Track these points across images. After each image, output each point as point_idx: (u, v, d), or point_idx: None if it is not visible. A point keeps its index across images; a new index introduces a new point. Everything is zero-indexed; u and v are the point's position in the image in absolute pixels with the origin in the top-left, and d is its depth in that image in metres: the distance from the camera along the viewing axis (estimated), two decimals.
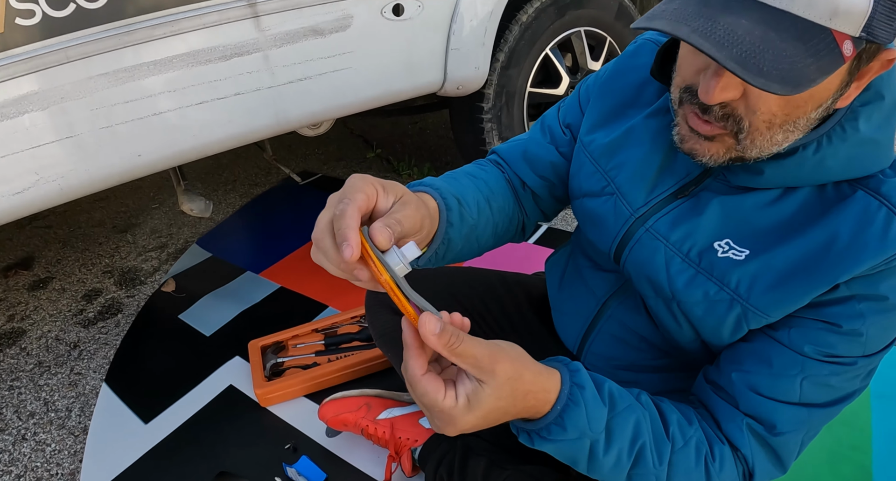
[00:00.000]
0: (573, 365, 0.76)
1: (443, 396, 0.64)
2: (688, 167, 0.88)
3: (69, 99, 1.48)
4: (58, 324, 2.31)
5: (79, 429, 1.80)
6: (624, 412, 0.77)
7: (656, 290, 0.89)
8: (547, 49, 2.29)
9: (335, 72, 1.74)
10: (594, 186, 0.99)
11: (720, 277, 0.82)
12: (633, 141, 0.94)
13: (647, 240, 0.90)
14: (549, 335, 1.23)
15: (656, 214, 0.89)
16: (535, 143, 1.11)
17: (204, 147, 1.65)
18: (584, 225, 1.03)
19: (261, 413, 1.71)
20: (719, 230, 0.83)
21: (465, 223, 0.91)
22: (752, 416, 0.81)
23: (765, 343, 0.81)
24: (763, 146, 0.73)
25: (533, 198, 1.12)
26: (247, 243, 2.69)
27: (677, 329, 0.90)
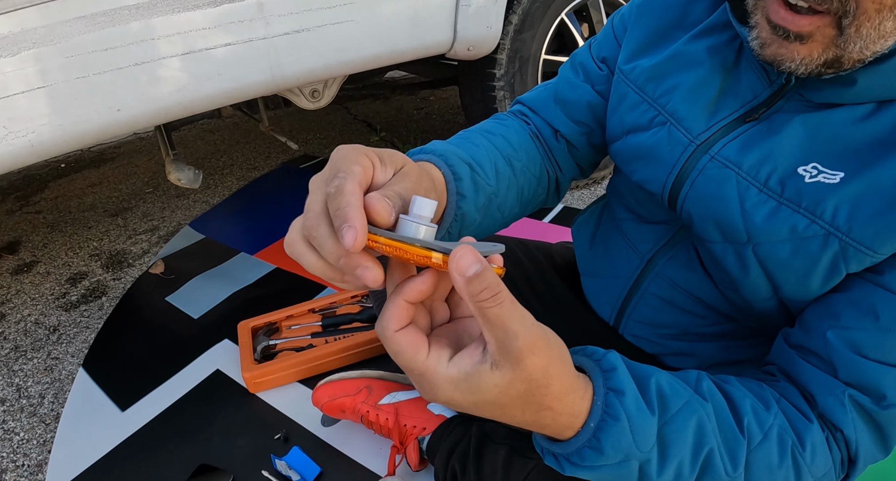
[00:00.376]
0: (606, 361, 0.58)
1: (425, 354, 0.48)
2: (754, 89, 0.74)
3: (41, 44, 1.35)
4: (38, 308, 2.21)
5: (51, 417, 1.66)
6: (680, 414, 0.59)
7: (726, 233, 0.74)
8: (563, 14, 2.17)
9: (336, 24, 1.59)
10: (640, 119, 0.85)
11: (811, 207, 0.66)
12: (684, 63, 0.81)
13: (714, 169, 0.75)
14: (579, 303, 1.09)
15: (723, 139, 0.75)
16: (567, 85, 0.97)
17: (190, 103, 1.50)
18: (629, 165, 0.88)
19: (249, 399, 1.57)
20: (804, 152, 0.68)
21: (482, 192, 0.76)
22: (855, 385, 0.64)
23: (867, 291, 0.65)
24: (868, 38, 0.58)
25: (568, 150, 0.98)
26: (242, 225, 2.59)
27: (749, 283, 0.75)
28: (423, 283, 0.48)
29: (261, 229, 2.50)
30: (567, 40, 2.28)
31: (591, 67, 0.96)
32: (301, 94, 1.90)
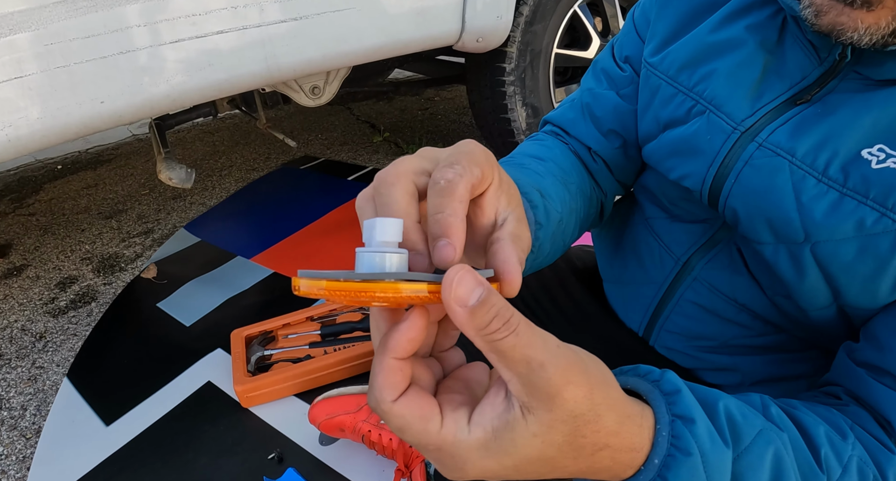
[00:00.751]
0: (667, 382, 0.46)
1: (438, 424, 0.37)
2: (802, 68, 0.66)
3: (18, 30, 1.27)
4: (26, 314, 2.13)
5: (32, 431, 1.57)
6: (755, 445, 0.47)
7: (779, 232, 0.65)
8: (575, 6, 2.10)
9: (335, 12, 1.50)
10: (676, 111, 0.76)
11: (880, 198, 0.57)
12: (722, 46, 0.72)
13: (762, 158, 0.66)
14: (603, 313, 0.99)
15: (771, 125, 0.66)
16: (590, 96, 0.90)
17: (180, 95, 1.41)
18: (665, 164, 0.80)
19: (241, 415, 1.48)
20: (867, 134, 0.59)
21: (552, 220, 0.69)
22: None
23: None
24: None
25: (606, 169, 0.91)
26: (239, 228, 2.51)
27: (805, 288, 0.65)
28: (410, 330, 0.37)
29: (259, 232, 2.42)
30: (580, 34, 2.22)
31: (614, 71, 0.89)
32: (301, 91, 1.81)
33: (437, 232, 0.36)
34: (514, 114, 2.12)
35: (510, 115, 2.10)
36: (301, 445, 1.36)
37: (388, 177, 0.39)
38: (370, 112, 3.77)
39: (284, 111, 3.97)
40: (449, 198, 0.36)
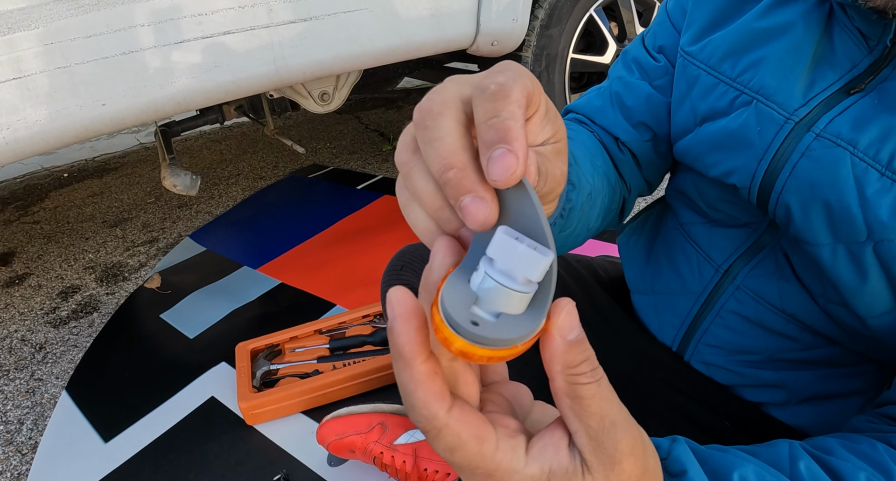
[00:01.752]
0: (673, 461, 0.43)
1: (494, 445, 0.32)
2: (851, 57, 0.63)
3: (18, 29, 1.24)
4: (26, 324, 2.10)
5: (28, 446, 1.52)
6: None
7: (839, 229, 0.61)
8: (591, 10, 2.08)
9: (347, 13, 1.46)
10: (718, 102, 0.72)
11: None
12: (769, 33, 0.69)
13: (821, 149, 0.62)
14: (633, 326, 0.95)
15: (828, 114, 0.62)
16: (620, 84, 0.86)
17: (185, 98, 1.37)
18: (705, 160, 0.76)
19: (246, 432, 1.43)
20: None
21: (583, 188, 0.66)
22: None
23: None
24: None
25: (633, 161, 0.87)
26: (245, 237, 2.48)
27: (866, 293, 0.61)
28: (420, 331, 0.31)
29: (265, 242, 2.38)
30: (596, 38, 2.19)
31: (647, 61, 0.85)
32: (310, 97, 1.77)
33: (492, 138, 0.29)
34: None
35: None
36: (308, 466, 1.30)
37: (434, 106, 0.31)
38: (379, 120, 3.75)
39: (293, 119, 3.95)
40: (504, 101, 0.29)
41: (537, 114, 0.33)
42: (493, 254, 0.28)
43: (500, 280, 0.28)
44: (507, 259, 0.28)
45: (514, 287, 0.28)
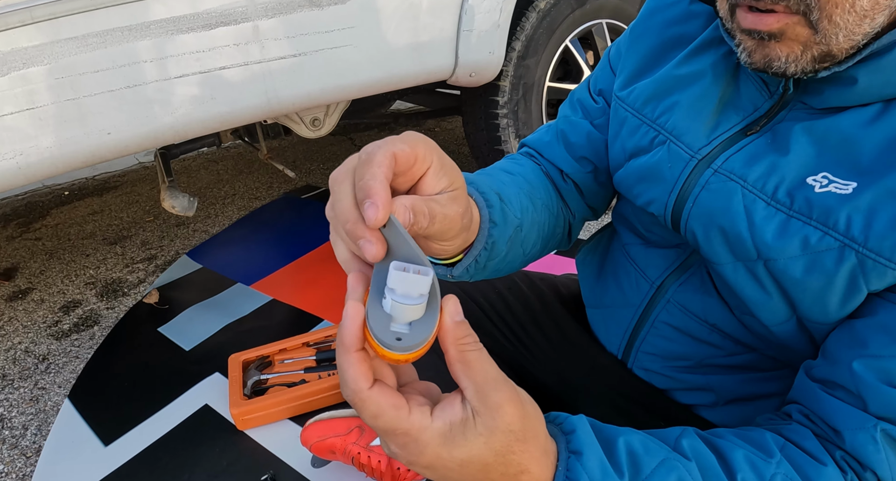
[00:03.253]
0: (568, 423, 0.54)
1: (408, 414, 0.43)
2: (754, 101, 0.72)
3: (32, 65, 1.34)
4: (30, 336, 2.18)
5: (32, 450, 1.61)
6: (656, 474, 0.54)
7: (735, 250, 0.70)
8: (567, 40, 2.16)
9: (333, 49, 1.56)
10: (641, 141, 0.82)
11: (822, 218, 0.62)
12: (682, 81, 0.78)
13: (718, 183, 0.71)
14: (586, 337, 1.04)
15: (726, 152, 0.72)
16: (565, 123, 0.96)
17: (183, 127, 1.47)
18: (633, 190, 0.85)
19: (237, 437, 1.51)
20: (812, 162, 0.65)
21: (509, 223, 0.74)
22: (890, 419, 0.59)
23: (894, 314, 0.60)
24: (849, 23, 0.56)
25: (576, 191, 0.96)
26: (240, 255, 2.55)
27: (765, 303, 0.70)
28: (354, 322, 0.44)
29: (259, 260, 2.46)
30: (572, 67, 2.27)
31: (588, 102, 0.95)
32: (301, 122, 1.87)
33: (361, 196, 0.41)
34: (507, 145, 2.17)
35: (504, 146, 2.15)
36: (294, 467, 1.39)
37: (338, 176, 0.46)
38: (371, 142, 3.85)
39: (287, 141, 4.03)
40: (368, 165, 0.42)
41: (430, 170, 0.46)
42: (393, 285, 0.41)
43: (402, 301, 0.41)
44: (403, 286, 0.40)
45: (413, 302, 0.41)
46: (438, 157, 0.48)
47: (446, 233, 0.51)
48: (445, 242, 0.56)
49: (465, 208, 0.52)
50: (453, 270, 0.71)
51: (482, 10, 1.76)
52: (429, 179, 0.47)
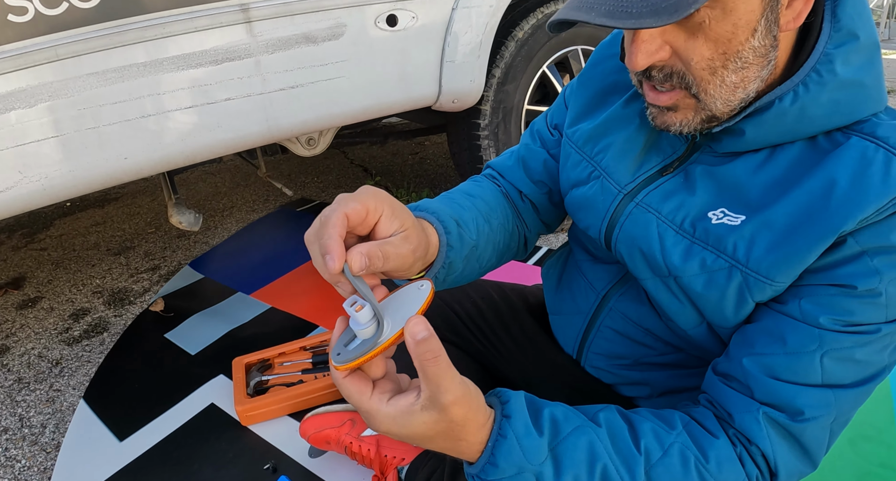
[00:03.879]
0: (504, 395, 0.70)
1: (368, 396, 0.61)
2: (673, 145, 0.85)
3: (57, 97, 1.46)
4: (42, 342, 2.27)
5: (51, 446, 1.73)
6: (571, 436, 0.69)
7: (653, 267, 0.84)
8: (544, 66, 2.29)
9: (327, 80, 1.71)
10: (581, 174, 0.96)
11: (716, 244, 0.76)
12: (616, 125, 0.92)
13: (639, 214, 0.85)
14: (547, 340, 1.17)
15: (646, 189, 0.85)
16: (526, 150, 1.09)
17: (192, 152, 1.62)
18: (576, 215, 0.99)
19: (241, 432, 1.64)
20: (713, 200, 0.79)
21: (465, 245, 0.87)
22: (770, 404, 0.72)
23: (775, 319, 0.74)
24: (724, 94, 0.70)
25: (532, 209, 1.09)
26: (240, 265, 2.66)
27: (680, 310, 0.84)
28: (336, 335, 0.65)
29: (258, 270, 2.57)
30: (549, 91, 2.39)
31: (546, 134, 1.08)
32: (297, 142, 2.01)
33: (323, 252, 0.59)
34: None
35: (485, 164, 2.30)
36: (293, 457, 1.51)
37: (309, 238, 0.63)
38: (364, 156, 3.95)
39: (283, 156, 4.16)
40: (325, 227, 0.60)
41: (382, 217, 0.65)
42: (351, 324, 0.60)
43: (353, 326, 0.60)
44: (354, 323, 0.59)
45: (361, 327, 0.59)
46: (389, 206, 0.66)
47: (401, 267, 0.68)
48: (403, 272, 0.72)
49: (416, 244, 0.69)
50: None
51: (463, 43, 1.92)
52: (382, 225, 0.65)
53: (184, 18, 1.52)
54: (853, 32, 0.69)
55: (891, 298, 0.68)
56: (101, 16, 1.46)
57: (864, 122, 0.71)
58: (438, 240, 0.82)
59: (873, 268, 0.67)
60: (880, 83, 0.72)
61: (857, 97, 0.70)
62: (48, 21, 1.41)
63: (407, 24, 1.80)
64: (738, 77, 0.69)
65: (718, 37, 0.66)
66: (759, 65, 0.69)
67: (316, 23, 1.65)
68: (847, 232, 0.67)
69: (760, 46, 0.67)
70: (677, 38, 0.67)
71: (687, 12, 0.58)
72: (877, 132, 0.70)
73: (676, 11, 0.58)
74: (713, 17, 0.64)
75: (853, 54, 0.69)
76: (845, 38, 0.69)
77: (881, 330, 0.69)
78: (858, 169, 0.68)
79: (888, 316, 0.69)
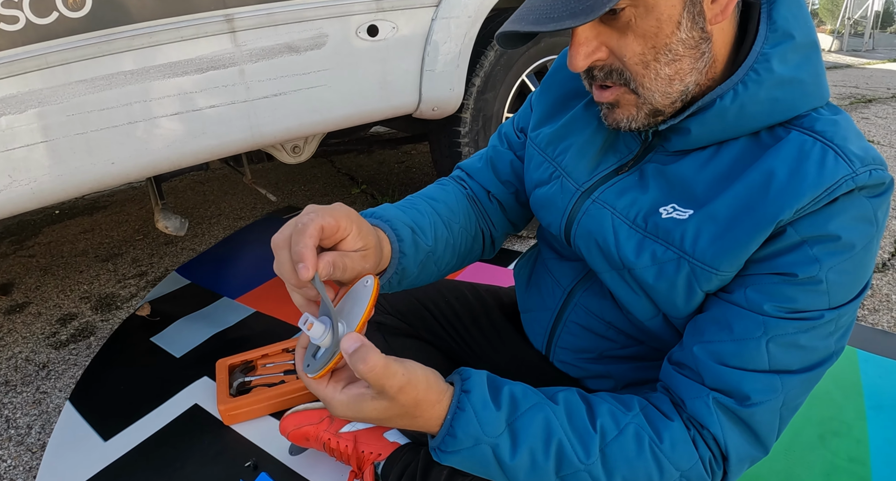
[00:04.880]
0: (465, 372, 0.75)
1: (325, 385, 0.67)
2: (629, 146, 0.90)
3: (46, 103, 1.50)
4: (29, 346, 2.29)
5: (37, 446, 1.76)
6: (529, 411, 0.74)
7: (609, 261, 0.88)
8: (523, 75, 2.35)
9: (310, 89, 1.76)
10: (543, 175, 1.01)
11: (665, 237, 0.81)
12: (576, 127, 0.97)
13: (595, 210, 0.90)
14: (518, 337, 1.22)
15: (602, 186, 0.91)
16: (494, 152, 1.14)
17: (178, 158, 1.66)
18: (539, 213, 1.04)
19: (224, 431, 1.67)
20: (664, 196, 0.84)
21: (421, 251, 0.92)
22: (719, 390, 0.75)
23: (723, 308, 0.78)
24: (660, 86, 0.76)
25: (500, 209, 1.13)
26: (226, 271, 2.69)
27: (636, 301, 0.88)
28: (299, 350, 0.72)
29: (243, 275, 2.60)
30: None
31: (512, 137, 1.13)
32: (283, 150, 2.06)
33: (296, 259, 0.64)
34: None
35: None
36: (273, 455, 1.55)
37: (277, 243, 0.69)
38: (351, 164, 4.00)
39: (270, 164, 4.20)
40: (301, 235, 0.65)
41: (350, 236, 0.71)
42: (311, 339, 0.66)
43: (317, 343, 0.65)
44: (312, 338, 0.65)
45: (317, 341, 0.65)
46: (357, 226, 0.72)
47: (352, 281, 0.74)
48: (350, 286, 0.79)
49: (372, 264, 0.76)
50: None
51: (443, 52, 1.98)
52: (349, 241, 0.71)
53: (170, 28, 1.57)
54: (788, 32, 0.75)
55: (831, 285, 0.72)
56: (90, 25, 1.50)
57: (803, 117, 0.76)
58: (391, 246, 0.87)
59: (813, 257, 0.71)
60: (819, 79, 0.77)
61: (796, 94, 0.75)
62: (39, 30, 1.45)
63: (387, 35, 1.86)
64: (672, 69, 0.74)
65: (645, 32, 0.71)
66: (692, 56, 0.74)
67: (299, 33, 1.71)
68: (785, 221, 0.72)
69: (689, 39, 0.73)
70: (610, 38, 0.73)
71: (601, 12, 0.65)
72: (815, 126, 0.75)
73: (592, 11, 0.65)
74: (637, 14, 0.70)
75: (790, 53, 0.74)
76: (781, 38, 0.75)
77: (824, 316, 0.73)
78: (795, 161, 0.72)
79: (830, 302, 0.73)
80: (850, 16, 19.44)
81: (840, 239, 0.71)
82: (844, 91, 7.28)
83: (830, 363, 0.77)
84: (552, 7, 0.68)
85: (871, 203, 0.72)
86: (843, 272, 0.72)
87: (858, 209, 0.72)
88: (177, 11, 1.59)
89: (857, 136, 0.75)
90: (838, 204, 0.71)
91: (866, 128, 5.15)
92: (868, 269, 0.76)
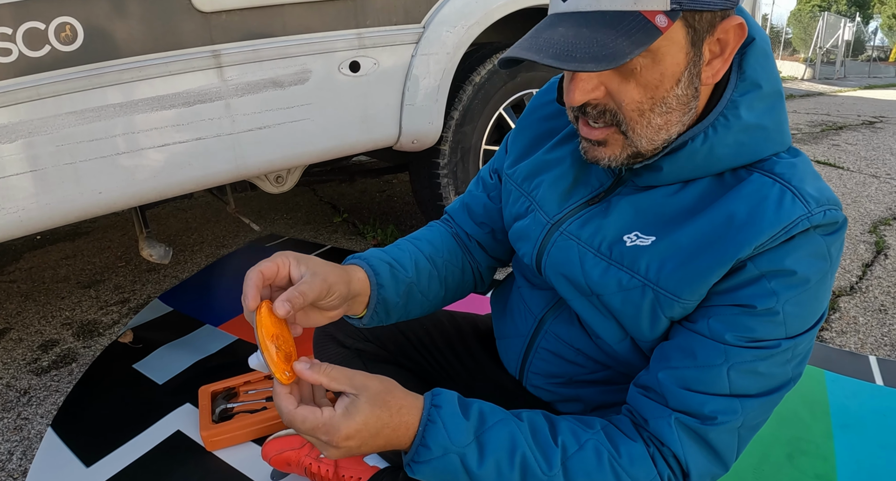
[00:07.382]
0: (437, 390, 0.81)
1: (321, 413, 0.72)
2: (600, 179, 0.95)
3: (36, 134, 1.55)
4: (10, 372, 2.27)
5: (18, 472, 1.76)
6: (496, 425, 0.79)
7: (577, 288, 0.93)
8: (500, 109, 2.42)
9: (293, 122, 1.82)
10: (520, 209, 1.06)
11: (630, 265, 0.86)
12: (550, 164, 1.02)
13: (562, 241, 0.95)
14: (492, 362, 1.26)
15: (570, 219, 0.96)
16: (470, 196, 1.21)
17: (164, 188, 1.70)
18: (515, 245, 1.08)
19: (206, 457, 1.68)
20: (628, 225, 0.88)
21: (401, 282, 1.00)
22: (682, 411, 0.80)
23: (687, 337, 0.83)
24: (649, 134, 0.80)
25: (480, 247, 1.19)
26: (208, 299, 2.70)
27: (605, 325, 0.93)
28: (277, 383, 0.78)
29: (225, 303, 2.62)
30: (506, 131, 2.52)
31: (487, 179, 1.19)
32: (266, 180, 2.11)
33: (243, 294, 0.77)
34: (447, 201, 2.41)
35: (444, 202, 2.40)
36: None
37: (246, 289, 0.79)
38: (333, 193, 4.03)
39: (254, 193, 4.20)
40: (246, 281, 0.78)
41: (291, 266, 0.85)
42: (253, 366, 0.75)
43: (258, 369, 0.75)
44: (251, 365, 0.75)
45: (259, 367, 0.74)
46: (294, 257, 0.83)
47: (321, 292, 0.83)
48: (331, 311, 0.89)
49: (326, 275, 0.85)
50: (363, 320, 0.99)
51: (423, 87, 2.05)
52: (293, 272, 0.82)
53: (159, 62, 1.62)
54: (756, 82, 0.81)
55: (788, 316, 0.77)
56: (80, 59, 1.55)
57: (765, 161, 0.82)
58: (368, 279, 0.96)
59: (770, 290, 0.77)
60: (782, 127, 0.83)
61: (759, 139, 0.81)
62: (31, 62, 1.50)
63: (369, 70, 1.92)
64: (663, 120, 0.79)
65: (647, 83, 0.75)
66: (681, 111, 0.79)
67: (283, 68, 1.77)
68: (745, 257, 0.77)
69: (683, 95, 0.78)
70: (612, 81, 0.77)
71: (623, 61, 0.68)
72: (775, 169, 0.81)
73: (614, 59, 0.68)
74: (644, 64, 0.74)
75: (756, 101, 0.81)
76: (749, 87, 0.81)
77: (781, 345, 0.78)
78: (755, 202, 0.78)
79: (787, 332, 0.78)
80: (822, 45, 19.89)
81: (796, 273, 0.76)
82: (816, 119, 7.44)
83: (788, 388, 0.82)
84: (574, 46, 0.70)
85: (825, 240, 0.78)
86: (799, 304, 0.77)
87: (813, 246, 0.77)
88: (165, 47, 1.64)
89: (813, 178, 0.81)
90: (795, 241, 0.76)
91: (837, 155, 5.29)
92: (823, 302, 0.81)
